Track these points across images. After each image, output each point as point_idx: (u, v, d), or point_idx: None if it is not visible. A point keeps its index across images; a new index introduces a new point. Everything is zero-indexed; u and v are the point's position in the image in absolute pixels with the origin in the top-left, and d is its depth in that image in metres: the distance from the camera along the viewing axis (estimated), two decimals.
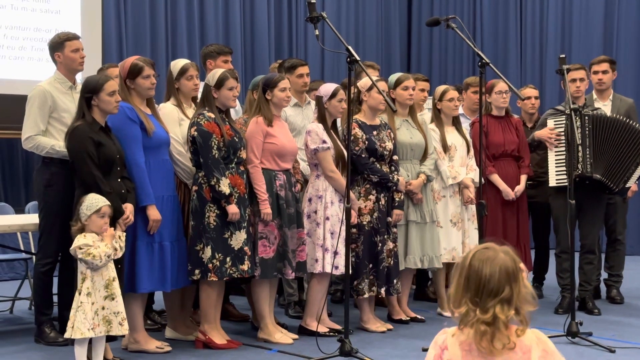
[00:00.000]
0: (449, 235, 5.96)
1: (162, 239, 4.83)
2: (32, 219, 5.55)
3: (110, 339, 4.42)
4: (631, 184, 6.11)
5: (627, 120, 6.01)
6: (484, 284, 2.21)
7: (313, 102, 6.10)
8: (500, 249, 2.30)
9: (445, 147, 6.01)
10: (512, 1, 10.98)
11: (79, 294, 4.24)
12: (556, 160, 6.04)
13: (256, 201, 5.02)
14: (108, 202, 4.35)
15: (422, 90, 6.45)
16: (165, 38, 9.46)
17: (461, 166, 6.08)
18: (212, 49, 6.11)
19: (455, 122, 6.16)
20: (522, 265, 2.30)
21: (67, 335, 4.27)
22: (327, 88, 5.39)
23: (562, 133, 6.01)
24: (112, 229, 4.37)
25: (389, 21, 11.79)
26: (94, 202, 4.30)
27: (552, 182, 6.05)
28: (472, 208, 6.06)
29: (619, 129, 5.95)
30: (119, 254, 4.40)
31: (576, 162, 5.81)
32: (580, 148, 5.84)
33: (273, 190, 5.09)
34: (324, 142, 5.26)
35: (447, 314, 5.90)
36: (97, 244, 4.25)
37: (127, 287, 4.70)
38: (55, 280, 5.20)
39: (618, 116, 6.07)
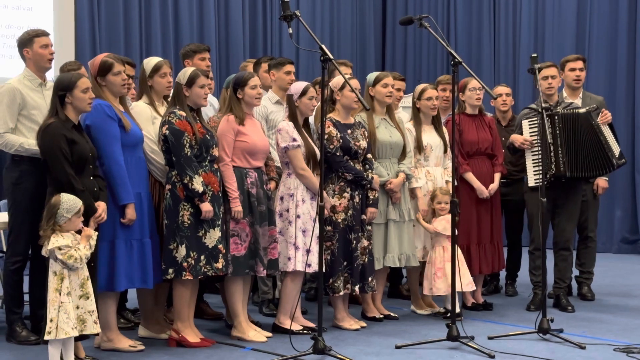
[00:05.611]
0: (421, 234, 5.98)
1: (142, 236, 4.81)
2: (0, 216, 5.50)
3: (80, 337, 4.38)
4: (617, 151, 6.05)
5: (587, 110, 6.02)
6: None
7: None
8: None
9: (420, 147, 5.99)
10: (486, 0, 11.04)
11: (59, 293, 4.19)
12: (533, 160, 6.08)
13: (227, 199, 5.02)
14: (81, 201, 4.33)
15: (398, 89, 6.45)
16: (139, 36, 9.40)
17: (436, 166, 6.08)
18: (188, 49, 6.07)
19: (435, 122, 6.10)
20: None
21: (50, 336, 4.16)
22: (297, 86, 5.38)
23: (536, 133, 6.04)
24: (89, 229, 4.34)
25: (364, 20, 11.81)
26: (73, 203, 4.26)
27: (531, 183, 6.08)
28: None
29: (584, 121, 5.98)
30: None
31: (550, 162, 5.85)
32: (552, 147, 5.88)
33: (244, 188, 5.08)
34: (294, 140, 5.25)
35: (421, 311, 5.92)
36: (78, 245, 4.22)
37: (105, 286, 4.67)
38: (26, 278, 5.16)
39: (584, 110, 6.08)
